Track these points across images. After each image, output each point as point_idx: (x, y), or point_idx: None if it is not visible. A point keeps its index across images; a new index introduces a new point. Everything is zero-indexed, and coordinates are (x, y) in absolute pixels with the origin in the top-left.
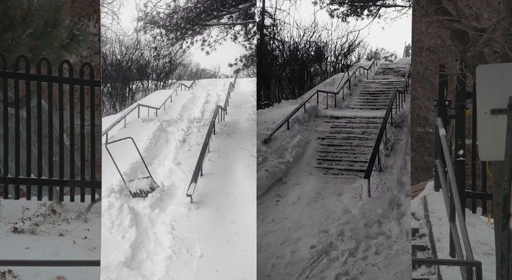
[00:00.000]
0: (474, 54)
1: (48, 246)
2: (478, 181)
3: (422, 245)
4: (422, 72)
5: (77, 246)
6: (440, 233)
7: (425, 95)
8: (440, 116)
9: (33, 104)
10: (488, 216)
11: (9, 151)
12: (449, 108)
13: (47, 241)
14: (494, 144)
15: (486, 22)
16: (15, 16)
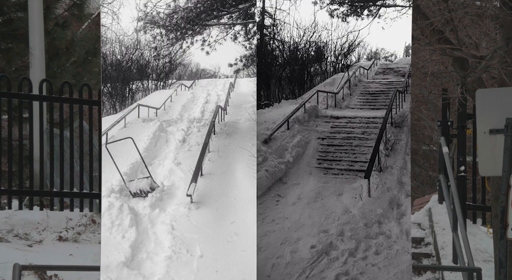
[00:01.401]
0: (473, 79)
1: (89, 253)
2: (478, 195)
3: (427, 253)
4: (427, 95)
5: None
6: (443, 241)
7: (429, 116)
8: (443, 135)
9: (76, 125)
10: (487, 227)
11: (54, 167)
12: (451, 128)
13: (88, 248)
14: (492, 161)
15: (484, 50)
16: (60, 46)
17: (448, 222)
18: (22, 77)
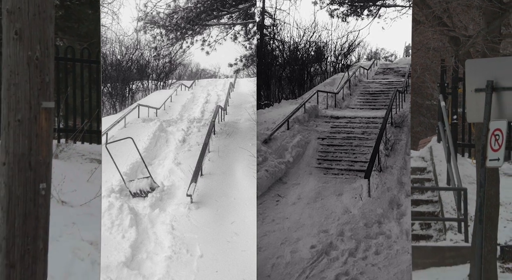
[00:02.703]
0: (463, 52)
1: None
2: (466, 136)
3: (429, 178)
4: (429, 64)
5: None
6: (440, 170)
7: (431, 80)
8: (441, 93)
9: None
10: (472, 159)
11: None
12: (447, 88)
13: None
14: (476, 111)
15: (471, 31)
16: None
17: (444, 156)
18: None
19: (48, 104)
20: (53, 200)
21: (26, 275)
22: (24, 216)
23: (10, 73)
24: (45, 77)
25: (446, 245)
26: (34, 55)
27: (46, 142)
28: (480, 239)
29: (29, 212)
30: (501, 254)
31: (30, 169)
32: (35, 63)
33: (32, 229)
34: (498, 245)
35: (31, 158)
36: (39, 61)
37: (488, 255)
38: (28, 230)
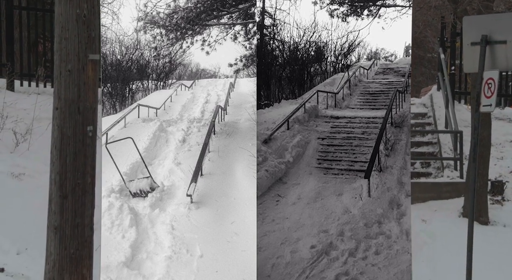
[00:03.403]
0: (461, 10)
1: None
2: (462, 85)
3: (429, 122)
4: (431, 21)
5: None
6: (439, 115)
7: (432, 35)
8: (441, 47)
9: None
10: (467, 105)
11: None
12: (446, 42)
13: None
14: (472, 62)
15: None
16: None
17: (443, 102)
18: None
19: (94, 56)
20: (98, 141)
21: (77, 205)
22: (74, 154)
23: (62, 29)
24: (91, 32)
25: (444, 181)
26: (82, 12)
27: (92, 89)
28: (473, 176)
29: (78, 150)
30: (491, 188)
31: (79, 113)
32: (83, 20)
33: (81, 165)
34: (489, 181)
35: (80, 104)
36: (86, 18)
37: (480, 189)
38: (78, 166)
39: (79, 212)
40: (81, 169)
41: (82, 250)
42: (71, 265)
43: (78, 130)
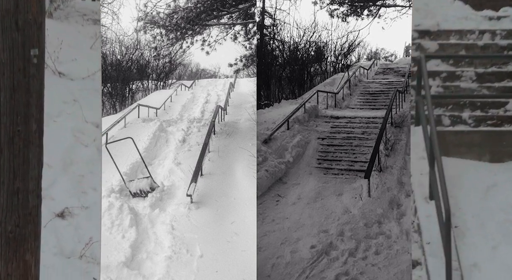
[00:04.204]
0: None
1: None
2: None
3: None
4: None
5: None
6: None
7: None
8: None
9: None
10: None
11: None
12: None
13: None
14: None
15: None
16: None
17: None
18: None
19: None
20: (48, 71)
21: (16, 161)
22: (12, 89)
23: None
24: None
25: None
26: None
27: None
28: None
29: (18, 84)
30: None
31: (17, 30)
32: None
33: (22, 105)
34: None
35: (18, 16)
36: None
37: None
38: (17, 107)
39: (20, 173)
40: (23, 111)
41: (25, 227)
42: (7, 248)
43: (16, 54)
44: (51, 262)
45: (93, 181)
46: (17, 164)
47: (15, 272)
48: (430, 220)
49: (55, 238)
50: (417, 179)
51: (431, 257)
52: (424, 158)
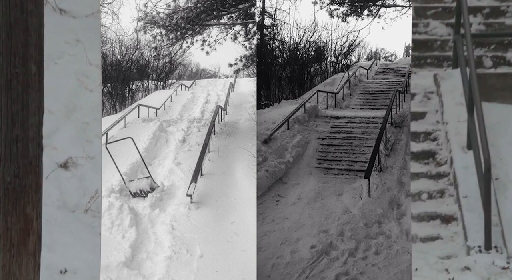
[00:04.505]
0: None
1: None
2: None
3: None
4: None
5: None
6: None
7: None
8: None
9: None
10: None
11: None
12: None
13: None
14: None
15: None
16: None
17: None
18: None
19: None
20: (47, 7)
21: (15, 107)
22: (8, 27)
23: None
24: None
25: None
26: None
27: None
28: None
29: (15, 21)
30: None
31: None
32: None
33: (20, 45)
34: None
35: None
36: None
37: None
38: (14, 47)
39: (19, 119)
40: (20, 51)
41: (25, 178)
42: (6, 200)
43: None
44: (54, 216)
45: (98, 129)
46: (15, 110)
47: (15, 226)
48: (468, 172)
49: (58, 191)
50: (454, 127)
51: (468, 212)
52: (462, 103)
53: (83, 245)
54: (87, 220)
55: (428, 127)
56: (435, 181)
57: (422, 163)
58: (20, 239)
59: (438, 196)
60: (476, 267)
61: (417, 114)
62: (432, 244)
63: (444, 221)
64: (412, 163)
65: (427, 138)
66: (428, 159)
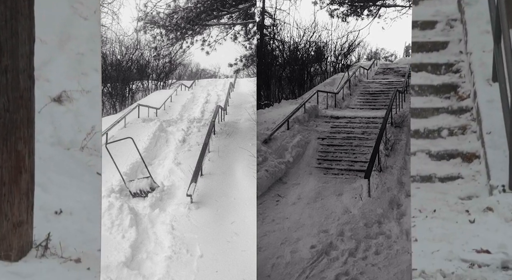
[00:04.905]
0: None
1: None
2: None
3: None
4: None
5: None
6: None
7: None
8: None
9: None
10: None
11: None
12: None
13: None
14: None
15: None
16: None
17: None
18: None
19: None
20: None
21: (3, 35)
22: None
23: None
24: None
25: None
26: None
27: None
28: None
29: None
30: None
31: None
32: None
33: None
34: None
35: None
36: None
37: None
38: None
39: (8, 48)
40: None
41: (15, 113)
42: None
43: None
44: (48, 153)
45: (94, 61)
46: (3, 38)
47: (5, 164)
48: (493, 106)
49: (51, 126)
50: (478, 57)
51: (491, 149)
52: (488, 32)
53: (79, 185)
54: (83, 158)
55: (450, 58)
56: (456, 117)
57: (442, 98)
58: (12, 177)
59: (459, 133)
60: (499, 208)
61: (438, 44)
62: (452, 184)
63: (466, 160)
64: (433, 97)
65: (449, 70)
66: (450, 92)
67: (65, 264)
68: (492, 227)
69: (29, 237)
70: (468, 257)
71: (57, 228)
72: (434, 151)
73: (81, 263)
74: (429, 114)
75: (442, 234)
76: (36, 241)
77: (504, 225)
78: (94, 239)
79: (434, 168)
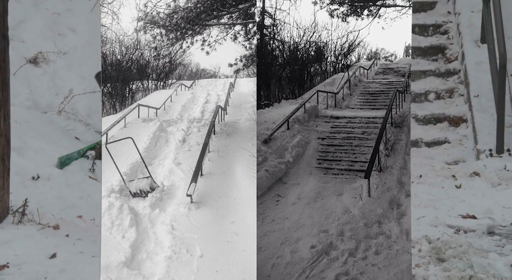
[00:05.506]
0: None
1: None
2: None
3: None
4: None
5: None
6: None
7: None
8: None
9: None
10: None
11: None
12: None
13: None
14: None
15: None
16: None
17: None
18: None
19: None
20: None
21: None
22: None
23: None
24: None
25: None
26: None
27: None
28: None
29: None
30: None
31: None
32: None
33: None
34: None
35: None
36: None
37: None
38: None
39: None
40: None
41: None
42: None
43: None
44: (24, 117)
45: (71, 21)
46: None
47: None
48: (481, 68)
49: (27, 89)
50: (467, 18)
51: (479, 113)
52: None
53: (57, 149)
54: (61, 122)
55: (438, 19)
56: (443, 79)
57: (430, 60)
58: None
59: (446, 96)
60: (486, 172)
61: (426, 4)
62: (438, 148)
63: (453, 124)
64: (420, 60)
65: (437, 31)
66: (437, 54)
67: (43, 231)
68: (478, 192)
69: (5, 203)
70: (454, 223)
71: (34, 194)
72: (420, 115)
73: (60, 230)
74: (416, 77)
75: (428, 200)
76: (12, 207)
77: (491, 190)
78: (72, 205)
79: (420, 133)
